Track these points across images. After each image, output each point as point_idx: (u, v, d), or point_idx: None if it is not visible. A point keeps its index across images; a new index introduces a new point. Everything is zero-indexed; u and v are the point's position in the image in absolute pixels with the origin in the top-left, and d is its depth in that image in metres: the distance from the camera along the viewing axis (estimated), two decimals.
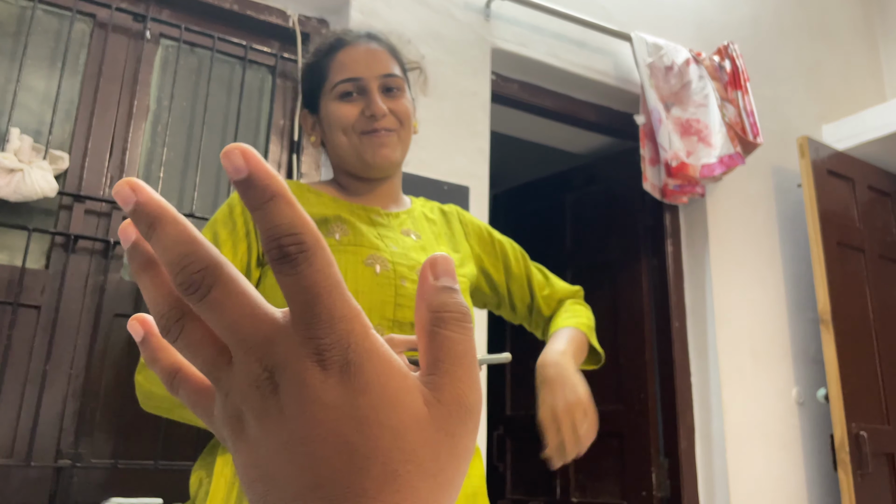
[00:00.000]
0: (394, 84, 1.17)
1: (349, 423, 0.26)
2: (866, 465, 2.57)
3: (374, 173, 1.17)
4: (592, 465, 2.82)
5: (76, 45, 1.97)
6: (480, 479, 1.13)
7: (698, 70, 2.69)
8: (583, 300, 1.38)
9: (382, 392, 0.27)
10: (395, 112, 1.16)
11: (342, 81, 1.15)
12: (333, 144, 1.18)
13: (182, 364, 0.32)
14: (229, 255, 1.07)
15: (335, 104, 1.16)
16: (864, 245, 2.99)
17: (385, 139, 1.14)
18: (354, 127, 1.14)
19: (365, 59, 1.16)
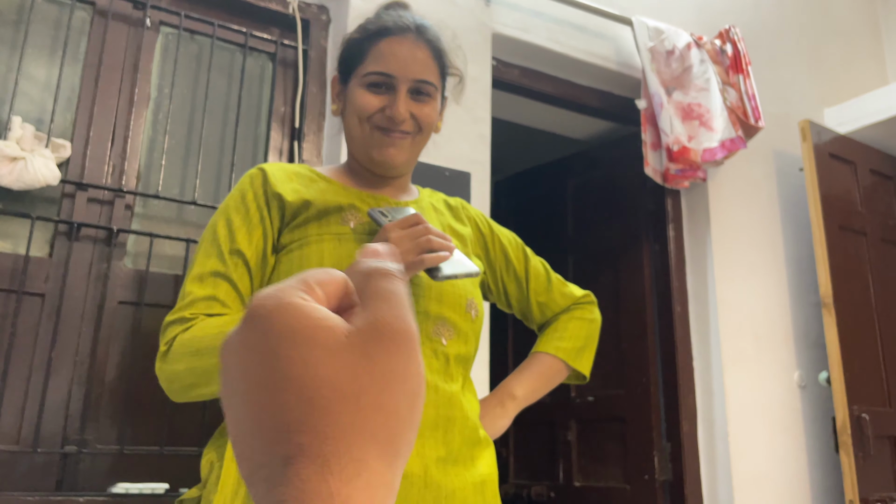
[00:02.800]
0: (424, 90, 1.15)
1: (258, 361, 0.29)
2: (868, 448, 2.58)
3: (377, 169, 1.17)
4: (595, 449, 2.84)
5: (76, 33, 1.97)
6: (491, 467, 1.13)
7: (700, 54, 2.68)
8: (588, 306, 1.36)
9: (291, 332, 0.28)
10: (417, 116, 1.14)
11: (374, 73, 1.13)
12: (348, 126, 1.18)
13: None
14: (244, 241, 1.07)
15: (361, 91, 1.14)
16: (866, 228, 2.99)
17: (397, 141, 1.13)
18: (372, 119, 1.13)
19: (405, 56, 1.13)
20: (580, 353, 1.31)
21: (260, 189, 1.11)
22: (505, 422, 1.24)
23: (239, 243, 1.06)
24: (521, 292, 1.33)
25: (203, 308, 1.02)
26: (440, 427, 1.04)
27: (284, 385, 0.28)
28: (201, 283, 1.04)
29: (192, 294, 1.03)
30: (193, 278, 1.05)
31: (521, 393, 1.26)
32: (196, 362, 0.98)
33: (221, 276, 1.05)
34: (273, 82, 2.19)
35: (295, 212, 1.10)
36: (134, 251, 1.91)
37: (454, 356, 1.10)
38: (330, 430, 0.27)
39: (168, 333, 1.03)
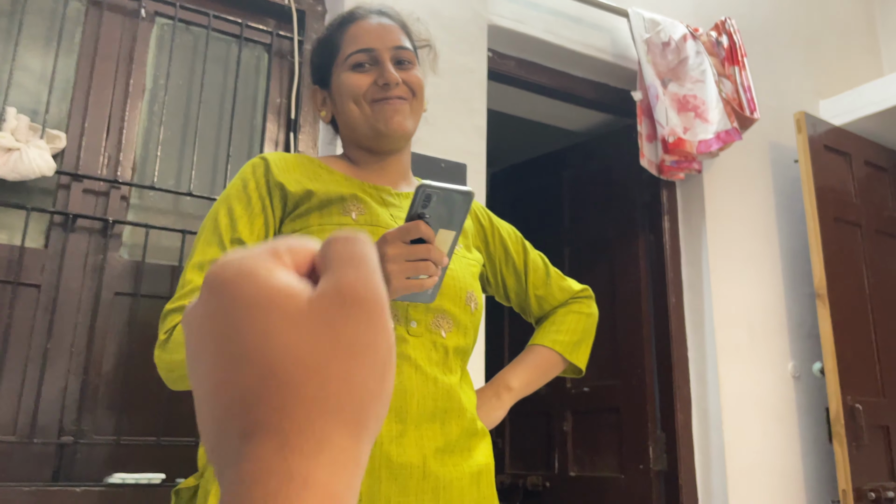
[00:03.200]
0: (405, 57, 1.17)
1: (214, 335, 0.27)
2: (861, 438, 2.60)
3: (387, 143, 1.17)
4: (590, 439, 2.85)
5: (71, 23, 1.96)
6: (488, 458, 1.13)
7: (695, 46, 2.68)
8: (586, 300, 1.37)
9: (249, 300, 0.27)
10: (408, 82, 1.16)
11: (355, 52, 1.16)
12: (345, 116, 1.18)
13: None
14: (245, 230, 1.07)
15: (347, 74, 1.16)
16: (861, 220, 3.00)
17: (398, 106, 1.14)
18: (366, 96, 1.14)
19: (377, 31, 1.17)
20: (577, 347, 1.32)
21: (262, 178, 1.11)
22: (500, 413, 1.25)
23: (240, 232, 1.06)
24: (520, 285, 1.33)
25: None
26: (438, 419, 1.05)
27: (242, 356, 0.26)
28: (202, 272, 1.04)
29: (192, 282, 1.03)
30: (194, 266, 1.05)
31: (517, 385, 1.27)
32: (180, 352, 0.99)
33: None
34: (269, 73, 2.19)
35: (297, 201, 1.10)
36: (130, 242, 1.91)
37: (453, 348, 1.10)
38: (290, 405, 0.26)
39: (168, 322, 1.03)
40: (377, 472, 0.98)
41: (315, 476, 0.25)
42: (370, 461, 0.98)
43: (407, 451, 1.00)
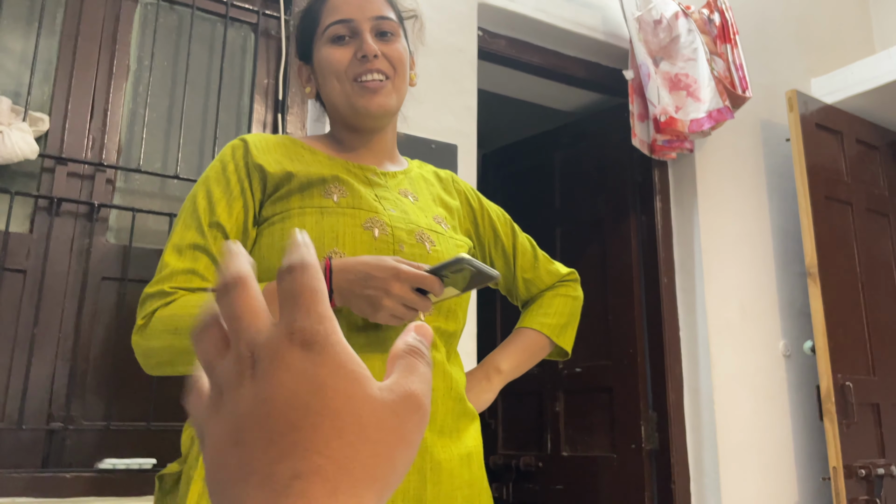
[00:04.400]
0: (387, 27, 1.14)
1: (307, 385, 0.30)
2: (852, 415, 2.61)
3: (368, 122, 1.15)
4: (582, 419, 2.86)
5: (52, 3, 1.92)
6: (477, 440, 1.13)
7: (687, 23, 2.66)
8: (572, 284, 1.37)
9: (340, 366, 0.31)
10: (389, 56, 1.13)
11: (333, 23, 1.13)
12: (327, 92, 1.16)
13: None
14: (224, 213, 1.05)
15: (327, 48, 1.13)
16: (852, 198, 3.00)
17: (378, 87, 1.11)
18: (347, 72, 1.11)
19: (357, 1, 1.14)
20: (564, 330, 1.32)
21: (241, 160, 1.09)
22: (490, 395, 1.25)
23: (219, 216, 1.05)
24: (509, 268, 1.32)
25: (182, 282, 1.01)
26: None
27: (321, 409, 0.30)
28: (180, 256, 1.02)
29: (170, 266, 1.02)
30: (172, 249, 1.03)
31: (506, 367, 1.26)
32: (175, 341, 0.97)
33: (201, 249, 1.03)
34: (255, 54, 2.16)
35: (277, 184, 1.08)
36: (116, 226, 1.88)
37: (437, 331, 1.09)
38: (347, 462, 0.30)
39: (147, 307, 1.01)
40: None
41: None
42: None
43: None
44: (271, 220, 1.06)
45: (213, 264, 1.03)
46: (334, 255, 1.03)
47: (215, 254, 1.03)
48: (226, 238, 1.04)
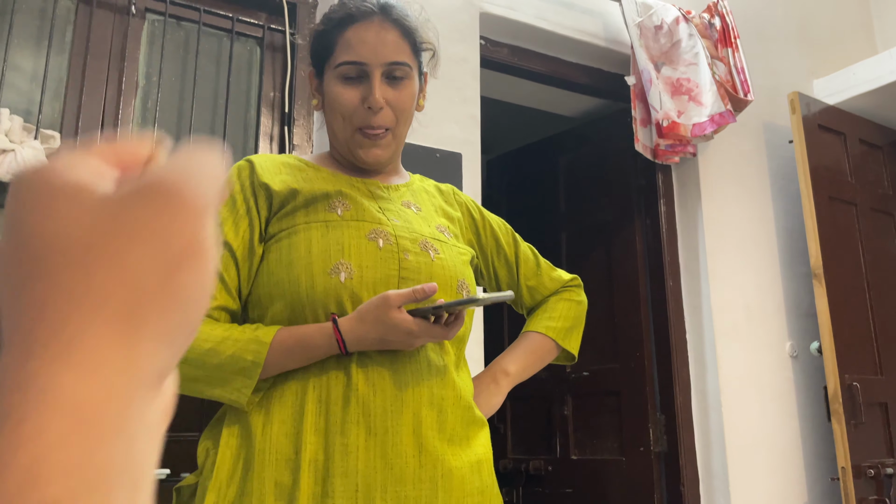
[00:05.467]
0: (399, 73, 1.15)
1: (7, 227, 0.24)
2: (859, 415, 2.62)
3: (364, 167, 1.19)
4: (591, 423, 2.88)
5: (62, 22, 1.96)
6: (486, 448, 1.14)
7: (688, 28, 2.68)
8: (576, 289, 1.38)
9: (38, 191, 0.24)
10: (394, 105, 1.14)
11: (346, 63, 1.13)
12: (330, 124, 1.19)
13: None
14: (230, 232, 1.08)
15: (337, 86, 1.14)
16: (856, 199, 3.01)
17: (378, 141, 1.14)
18: (353, 118, 1.13)
19: (373, 41, 1.12)
20: (569, 334, 1.34)
21: (247, 180, 1.12)
22: (499, 399, 1.26)
23: (225, 235, 1.08)
24: (512, 277, 1.34)
25: None
26: (434, 406, 1.06)
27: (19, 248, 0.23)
28: None
29: None
30: None
31: (514, 370, 1.28)
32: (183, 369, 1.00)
33: None
34: (261, 68, 2.19)
35: (282, 201, 1.11)
36: None
37: None
38: (48, 300, 0.22)
39: None
40: (372, 461, 0.99)
41: (57, 382, 0.21)
42: (366, 451, 0.99)
43: (403, 439, 1.01)
44: (278, 237, 1.09)
45: (219, 282, 1.06)
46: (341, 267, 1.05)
47: (222, 272, 1.06)
48: (232, 257, 1.07)
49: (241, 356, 1.00)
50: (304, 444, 0.99)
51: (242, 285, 1.09)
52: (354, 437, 0.99)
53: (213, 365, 1.00)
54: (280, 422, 1.02)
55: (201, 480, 1.06)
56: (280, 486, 0.98)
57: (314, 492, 0.97)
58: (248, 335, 1.02)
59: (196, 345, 1.00)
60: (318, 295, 1.03)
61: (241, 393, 1.00)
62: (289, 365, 1.02)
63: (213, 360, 1.00)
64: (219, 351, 1.00)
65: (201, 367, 1.00)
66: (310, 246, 1.06)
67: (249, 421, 1.03)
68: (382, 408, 1.01)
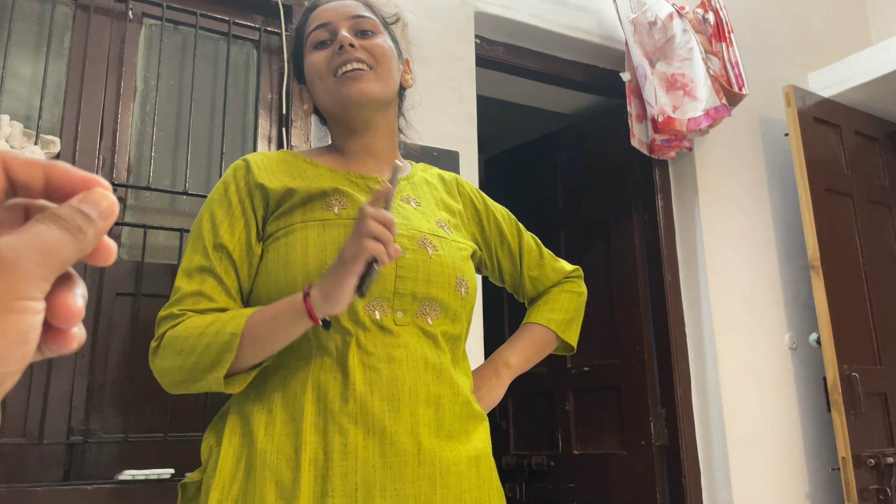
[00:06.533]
0: (366, 26, 1.18)
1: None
2: (859, 406, 2.63)
3: (355, 111, 1.16)
4: (592, 417, 2.89)
5: (60, 28, 1.97)
6: (485, 442, 1.15)
7: (682, 24, 2.69)
8: (577, 280, 1.39)
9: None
10: (369, 49, 1.16)
11: (314, 29, 1.18)
12: (317, 97, 1.20)
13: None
14: (227, 234, 1.09)
15: (311, 55, 1.18)
16: (853, 190, 3.02)
17: (359, 75, 1.14)
18: (329, 68, 1.15)
19: (335, 7, 1.19)
20: (569, 325, 1.35)
21: (242, 181, 1.13)
22: (500, 391, 1.27)
23: (222, 237, 1.09)
24: (515, 267, 1.35)
25: (191, 303, 1.06)
26: (432, 403, 1.06)
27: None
28: (189, 279, 1.07)
29: (181, 290, 1.07)
30: (182, 274, 1.08)
31: (515, 362, 1.29)
32: (179, 360, 1.02)
33: (207, 271, 1.07)
34: (258, 70, 2.20)
35: (279, 200, 1.11)
36: (129, 243, 1.93)
37: (441, 334, 1.11)
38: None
39: (159, 329, 1.06)
40: (371, 460, 1.00)
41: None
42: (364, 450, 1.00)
43: (401, 437, 1.01)
44: (275, 236, 1.10)
45: (218, 284, 1.07)
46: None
47: (220, 274, 1.08)
48: (230, 258, 1.08)
49: (224, 330, 1.00)
50: (303, 444, 1.00)
51: (243, 285, 1.10)
52: (353, 436, 1.00)
53: (202, 346, 1.00)
54: (281, 422, 1.03)
55: (205, 478, 1.07)
56: (281, 485, 0.99)
57: (314, 491, 0.98)
58: (232, 314, 1.03)
59: (189, 333, 1.02)
60: None
61: (223, 367, 0.98)
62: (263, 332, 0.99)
63: (202, 342, 1.00)
64: (206, 333, 1.01)
65: (194, 353, 1.01)
66: (306, 246, 1.06)
67: (251, 420, 1.04)
68: (380, 407, 1.02)
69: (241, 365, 1.01)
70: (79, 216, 0.31)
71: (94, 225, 0.32)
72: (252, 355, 1.01)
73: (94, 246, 0.32)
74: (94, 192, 0.33)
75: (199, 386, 1.04)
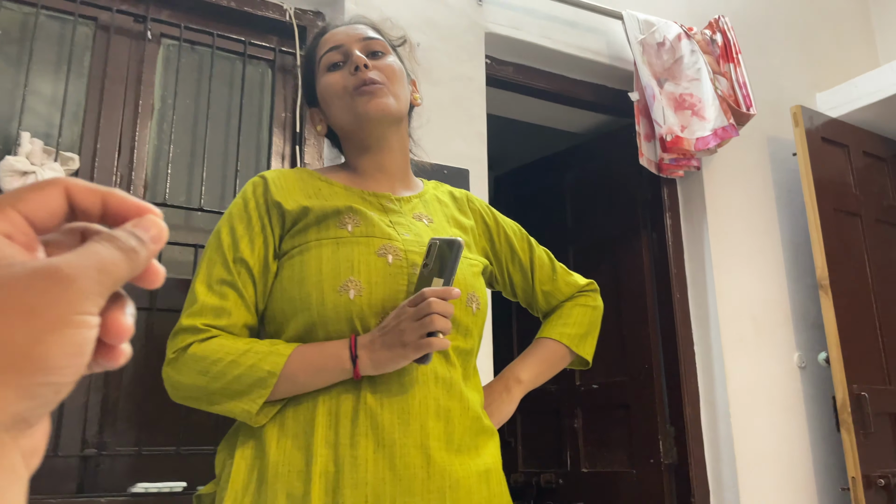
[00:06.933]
0: (376, 47, 1.22)
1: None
2: (868, 425, 2.63)
3: (372, 127, 1.19)
4: (601, 435, 2.89)
5: (80, 48, 2.02)
6: (495, 457, 1.15)
7: (690, 45, 2.72)
8: (591, 294, 1.40)
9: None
10: (381, 69, 1.20)
11: (326, 52, 1.22)
12: (333, 116, 1.22)
13: None
14: (247, 249, 1.11)
15: (325, 77, 1.21)
16: (861, 210, 3.03)
17: (376, 90, 1.17)
18: (346, 88, 1.18)
19: (345, 31, 1.24)
20: (583, 339, 1.34)
21: (261, 198, 1.15)
22: (511, 407, 1.27)
23: (242, 251, 1.11)
24: (527, 282, 1.35)
25: (212, 317, 1.07)
26: (442, 417, 1.07)
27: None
28: (210, 291, 1.08)
29: (200, 300, 1.08)
30: (201, 284, 1.09)
31: (526, 377, 1.29)
32: (203, 381, 1.03)
33: (228, 285, 1.09)
34: (273, 89, 2.24)
35: (295, 219, 1.13)
36: None
37: (452, 349, 1.12)
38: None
39: (179, 340, 1.06)
40: (381, 473, 1.01)
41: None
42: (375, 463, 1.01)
43: (411, 451, 1.03)
44: (291, 254, 1.12)
45: (239, 299, 1.09)
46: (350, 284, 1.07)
47: (241, 288, 1.09)
48: (249, 273, 1.10)
49: (260, 366, 1.02)
50: (315, 457, 1.01)
51: (259, 301, 1.12)
52: (363, 449, 1.01)
53: (233, 376, 1.02)
54: (293, 435, 1.04)
55: (218, 490, 1.09)
56: (292, 497, 1.00)
57: (325, 502, 0.99)
58: (269, 348, 1.05)
59: (219, 357, 1.03)
60: (328, 312, 1.06)
61: (255, 403, 1.02)
62: (303, 379, 1.03)
63: (233, 371, 1.02)
64: (239, 363, 1.02)
65: (221, 379, 1.02)
66: (320, 264, 1.08)
67: (263, 433, 1.06)
68: (390, 420, 1.03)
69: (270, 398, 1.04)
70: (133, 239, 0.34)
71: (146, 247, 0.34)
72: (284, 393, 1.04)
73: (144, 267, 0.35)
74: (147, 218, 0.35)
75: (216, 408, 1.05)
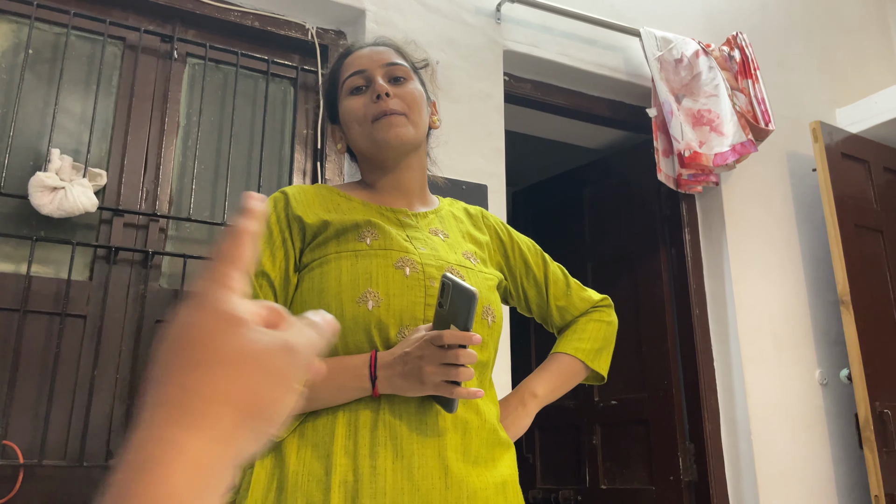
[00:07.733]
0: (399, 73, 1.24)
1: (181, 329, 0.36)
2: (891, 443, 2.60)
3: (389, 153, 1.22)
4: (620, 452, 2.88)
5: (108, 67, 2.07)
6: (512, 469, 1.16)
7: (708, 61, 2.74)
8: (606, 309, 1.40)
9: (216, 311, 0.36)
10: (402, 97, 1.22)
11: (349, 76, 1.24)
12: (352, 139, 1.25)
13: None
14: (268, 263, 1.13)
15: (347, 100, 1.23)
16: (882, 226, 3.02)
17: (395, 120, 1.20)
18: (366, 115, 1.21)
19: (369, 55, 1.25)
20: (598, 355, 1.35)
21: (283, 212, 1.18)
22: (527, 421, 1.28)
23: (264, 265, 1.13)
24: (541, 297, 1.36)
25: None
26: (459, 429, 1.09)
27: (187, 346, 0.35)
28: None
29: None
30: None
31: (542, 392, 1.29)
32: None
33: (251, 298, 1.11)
34: (295, 106, 2.29)
35: (315, 232, 1.16)
36: (169, 272, 2.00)
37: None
38: (198, 385, 0.34)
39: None
40: (400, 483, 1.02)
41: (188, 445, 0.32)
42: (393, 473, 1.02)
43: (428, 462, 1.04)
44: (311, 266, 1.14)
45: None
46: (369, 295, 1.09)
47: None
48: (271, 286, 1.13)
49: None
50: (334, 466, 1.03)
51: None
52: (382, 459, 1.03)
53: None
54: (312, 445, 1.06)
55: (238, 499, 1.10)
56: None
57: None
58: None
59: None
60: (347, 322, 1.08)
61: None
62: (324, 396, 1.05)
63: None
64: None
65: None
66: (340, 275, 1.10)
67: (283, 443, 1.07)
68: (408, 432, 1.05)
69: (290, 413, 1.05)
70: (322, 328, 0.42)
71: (325, 336, 0.42)
72: (304, 409, 1.06)
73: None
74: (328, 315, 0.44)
75: None
